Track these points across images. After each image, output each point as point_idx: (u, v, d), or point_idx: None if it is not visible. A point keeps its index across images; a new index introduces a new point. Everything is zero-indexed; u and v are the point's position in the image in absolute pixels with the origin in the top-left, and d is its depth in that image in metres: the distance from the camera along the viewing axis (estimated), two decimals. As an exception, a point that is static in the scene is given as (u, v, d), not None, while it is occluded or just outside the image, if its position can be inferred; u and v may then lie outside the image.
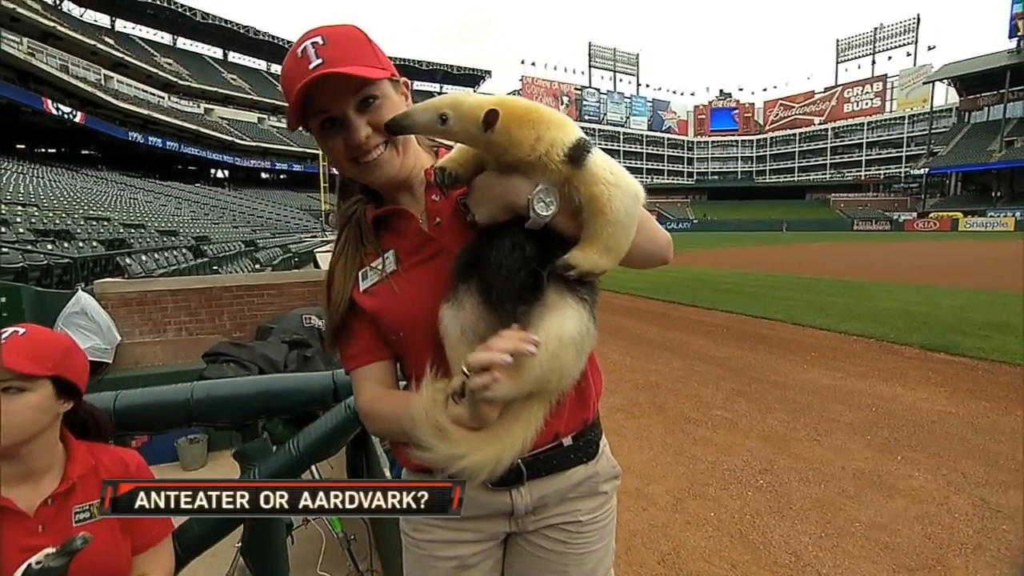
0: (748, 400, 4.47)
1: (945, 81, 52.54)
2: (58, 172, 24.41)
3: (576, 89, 73.53)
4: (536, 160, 0.74)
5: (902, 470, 3.19)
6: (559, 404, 0.84)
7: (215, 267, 10.27)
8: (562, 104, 68.83)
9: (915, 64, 61.08)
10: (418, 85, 59.61)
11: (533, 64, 78.03)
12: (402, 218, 0.93)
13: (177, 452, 3.53)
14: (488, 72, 69.12)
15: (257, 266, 12.30)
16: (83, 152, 35.07)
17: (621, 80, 77.39)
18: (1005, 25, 45.51)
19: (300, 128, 0.91)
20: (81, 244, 7.80)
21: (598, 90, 75.19)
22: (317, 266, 8.56)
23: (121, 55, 38.03)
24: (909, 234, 40.42)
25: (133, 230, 12.02)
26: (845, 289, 10.58)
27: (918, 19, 61.82)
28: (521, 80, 70.41)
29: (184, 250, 10.99)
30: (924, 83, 56.37)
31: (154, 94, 40.84)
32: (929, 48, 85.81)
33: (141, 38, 46.64)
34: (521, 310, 0.78)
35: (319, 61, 0.80)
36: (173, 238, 12.63)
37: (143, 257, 7.73)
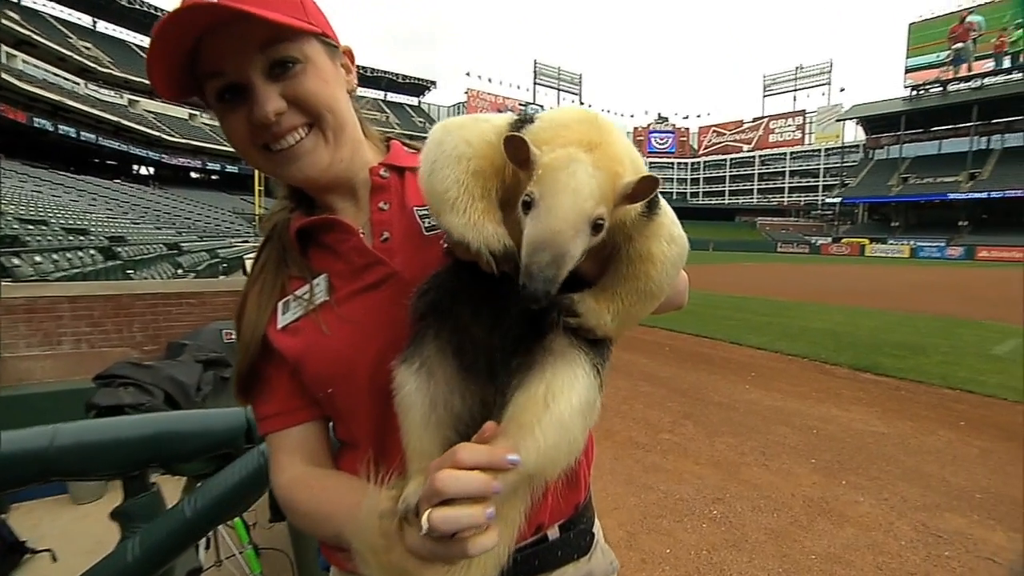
0: (695, 423, 4.44)
1: (854, 120, 57.60)
2: (-58, 158, 21.64)
3: (520, 105, 74.56)
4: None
5: (848, 495, 3.20)
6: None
7: (129, 271, 9.35)
8: (507, 119, 69.54)
9: (829, 103, 66.65)
10: (361, 92, 58.11)
11: (479, 77, 78.57)
12: (338, 231, 0.69)
13: (66, 484, 3.01)
14: (433, 82, 68.77)
15: (179, 271, 11.33)
16: (-27, 137, 31.44)
17: (565, 98, 79.33)
18: (902, 75, 50.65)
19: (195, 101, 0.65)
20: (-40, 241, 6.79)
21: (541, 107, 76.47)
22: (246, 273, 7.94)
23: (28, 33, 34.56)
24: (825, 257, 43.55)
25: (32, 227, 10.71)
26: (776, 309, 11.08)
27: (831, 64, 67.72)
28: (467, 93, 70.60)
29: (92, 251, 9.93)
30: (837, 120, 61.70)
31: (68, 79, 37.37)
32: (841, 90, 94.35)
33: (54, 16, 42.69)
34: (516, 363, 0.56)
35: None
36: (81, 237, 11.40)
37: (37, 258, 6.82)
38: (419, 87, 68.28)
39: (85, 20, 45.60)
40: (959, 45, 45.45)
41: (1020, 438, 4.07)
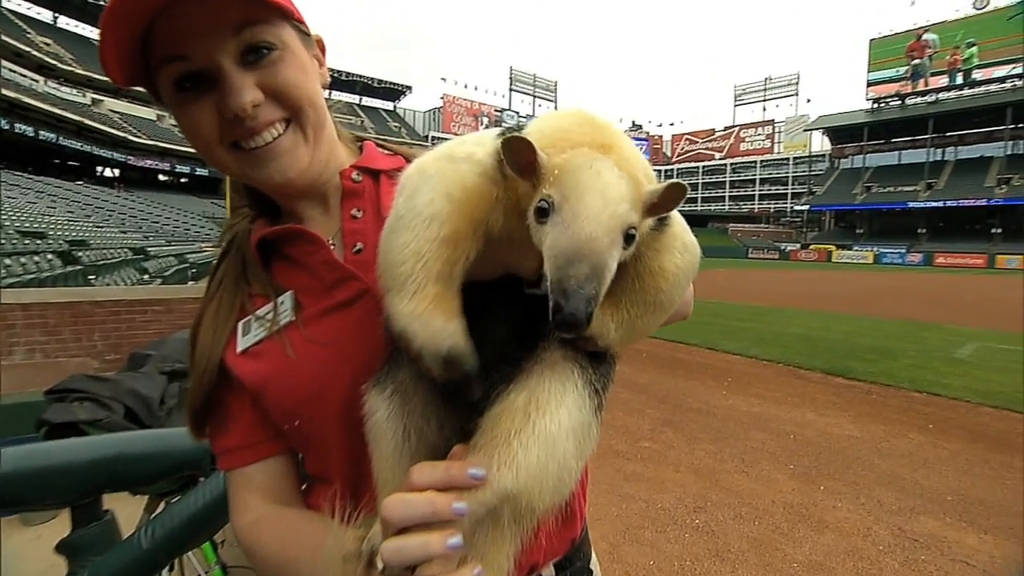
0: (674, 429, 4.44)
1: (820, 130, 59.55)
2: None
3: (496, 111, 74.79)
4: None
5: (826, 501, 3.22)
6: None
7: (90, 276, 8.97)
8: (482, 125, 69.69)
9: (796, 113, 68.84)
10: (335, 95, 57.61)
11: (455, 82, 78.93)
12: (305, 243, 0.62)
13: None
14: (409, 87, 68.45)
15: (145, 277, 10.93)
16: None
17: (540, 105, 79.82)
18: (864, 88, 52.65)
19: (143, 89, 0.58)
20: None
21: (517, 113, 76.93)
22: (214, 279, 7.70)
23: (-19, 27, 33.17)
24: (794, 263, 44.70)
25: (-18, 230, 10.22)
26: (750, 314, 11.27)
27: (798, 76, 70.07)
28: (442, 98, 70.47)
29: (50, 256, 9.50)
30: (804, 130, 63.77)
31: (25, 75, 35.90)
32: (807, 101, 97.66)
33: (11, 11, 40.98)
34: (498, 376, 0.49)
35: None
36: (38, 241, 10.91)
37: (-12, 263, 6.47)
38: (394, 91, 67.85)
39: (45, 15, 43.92)
40: (916, 61, 47.44)
41: (985, 440, 4.19)
